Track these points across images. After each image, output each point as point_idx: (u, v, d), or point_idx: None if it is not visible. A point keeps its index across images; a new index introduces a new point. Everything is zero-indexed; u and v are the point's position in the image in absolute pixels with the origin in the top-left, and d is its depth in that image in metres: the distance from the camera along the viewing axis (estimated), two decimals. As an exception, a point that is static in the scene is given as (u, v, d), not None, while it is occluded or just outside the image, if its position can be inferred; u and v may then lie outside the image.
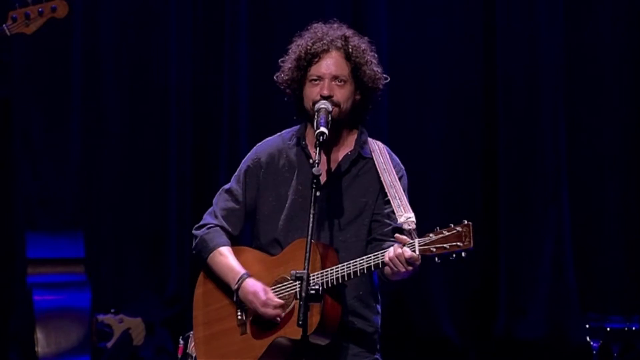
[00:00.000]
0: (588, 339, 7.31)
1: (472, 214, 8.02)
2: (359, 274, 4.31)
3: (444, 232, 4.21)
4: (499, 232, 8.24)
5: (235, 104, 8.16)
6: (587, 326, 7.37)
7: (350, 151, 4.55)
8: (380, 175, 4.50)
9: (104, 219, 8.08)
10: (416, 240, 4.25)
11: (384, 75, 4.55)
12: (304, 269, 4.15)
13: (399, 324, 8.07)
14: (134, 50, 8.19)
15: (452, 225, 4.21)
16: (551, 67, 8.20)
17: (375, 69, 4.52)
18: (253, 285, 4.45)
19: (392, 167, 4.52)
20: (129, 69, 8.18)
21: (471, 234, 4.17)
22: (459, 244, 4.18)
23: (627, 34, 8.19)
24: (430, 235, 4.23)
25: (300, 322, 4.11)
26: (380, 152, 4.56)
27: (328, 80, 4.46)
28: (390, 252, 4.25)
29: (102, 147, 8.12)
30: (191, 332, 4.66)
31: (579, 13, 8.23)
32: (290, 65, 4.52)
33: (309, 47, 4.47)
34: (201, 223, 4.65)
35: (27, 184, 7.98)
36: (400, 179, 4.51)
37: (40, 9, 5.40)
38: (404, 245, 4.24)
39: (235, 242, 4.63)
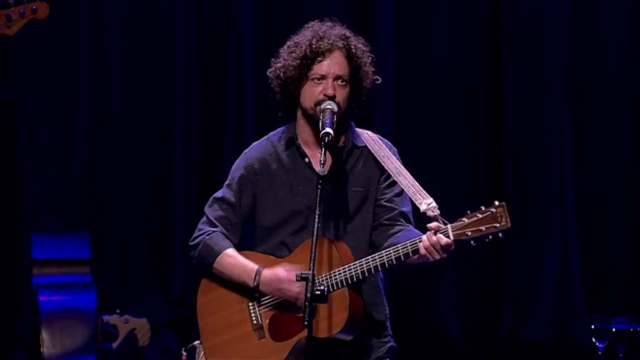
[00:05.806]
0: (593, 339, 7.30)
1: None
2: (387, 265, 4.26)
3: (478, 215, 4.17)
4: (504, 233, 8.22)
5: (240, 105, 8.15)
6: (593, 327, 7.35)
7: (344, 143, 4.52)
8: (382, 164, 4.46)
9: (109, 219, 8.08)
10: (449, 226, 4.21)
11: (376, 77, 4.53)
12: (310, 269, 4.11)
13: (404, 324, 8.06)
14: (140, 51, 8.19)
15: (483, 208, 4.18)
16: (557, 67, 8.19)
17: (371, 70, 4.51)
18: (273, 273, 4.40)
19: (388, 151, 4.50)
20: (135, 70, 8.18)
21: (507, 214, 4.15)
22: (495, 225, 4.15)
23: (632, 34, 8.19)
24: (463, 219, 4.19)
25: (306, 323, 4.08)
26: (373, 140, 4.53)
27: (332, 80, 4.43)
28: (425, 241, 4.20)
29: (108, 147, 8.12)
30: (196, 343, 4.59)
31: (585, 13, 8.23)
32: (291, 63, 4.47)
33: (313, 45, 4.44)
34: (198, 233, 4.56)
35: (33, 185, 7.98)
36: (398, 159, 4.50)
37: (21, 10, 5.36)
38: (436, 233, 4.19)
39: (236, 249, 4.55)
